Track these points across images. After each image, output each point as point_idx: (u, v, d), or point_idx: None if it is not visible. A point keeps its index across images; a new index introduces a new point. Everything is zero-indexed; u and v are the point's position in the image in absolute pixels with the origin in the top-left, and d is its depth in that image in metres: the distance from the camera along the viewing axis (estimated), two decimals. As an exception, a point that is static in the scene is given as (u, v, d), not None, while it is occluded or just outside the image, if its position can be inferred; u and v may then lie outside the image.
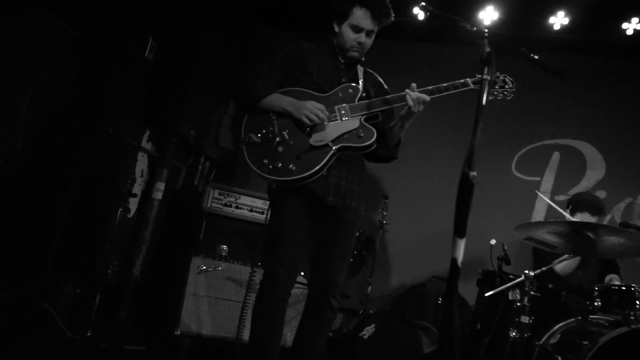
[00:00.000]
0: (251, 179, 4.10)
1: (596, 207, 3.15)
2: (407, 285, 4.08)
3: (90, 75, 2.78)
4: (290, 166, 2.05)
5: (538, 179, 4.18)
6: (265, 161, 2.07)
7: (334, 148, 2.08)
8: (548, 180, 4.16)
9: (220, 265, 3.02)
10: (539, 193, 3.97)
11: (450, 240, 1.10)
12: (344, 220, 2.21)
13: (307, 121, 2.10)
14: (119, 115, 3.10)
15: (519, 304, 2.51)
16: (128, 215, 3.32)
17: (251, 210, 3.63)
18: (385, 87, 2.41)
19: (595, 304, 2.55)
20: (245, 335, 2.37)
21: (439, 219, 3.97)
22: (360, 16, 2.18)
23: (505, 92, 2.18)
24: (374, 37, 2.28)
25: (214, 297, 2.93)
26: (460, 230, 1.18)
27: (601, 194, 4.06)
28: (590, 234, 2.49)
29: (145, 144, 3.44)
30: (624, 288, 2.48)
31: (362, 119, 2.14)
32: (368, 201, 4.20)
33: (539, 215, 4.11)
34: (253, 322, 2.16)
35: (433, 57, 4.40)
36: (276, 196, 2.21)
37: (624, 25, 3.88)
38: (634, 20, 3.84)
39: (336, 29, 2.29)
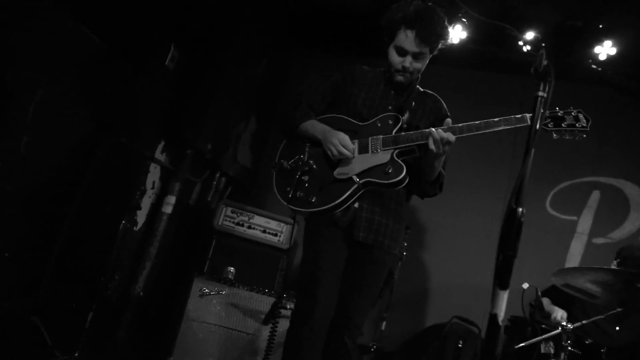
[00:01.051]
0: (269, 200, 3.93)
1: None
2: (426, 324, 3.80)
3: (106, 82, 2.67)
4: (311, 198, 2.00)
5: (575, 218, 3.86)
6: (288, 189, 2.05)
7: (358, 182, 1.95)
8: (586, 220, 3.84)
9: (224, 289, 2.81)
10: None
11: (474, 274, 0.90)
12: (373, 258, 2.08)
13: (331, 155, 2.03)
14: (133, 124, 2.98)
15: (553, 359, 2.21)
16: (135, 229, 3.16)
17: (264, 232, 3.45)
18: (446, 113, 2.16)
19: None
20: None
21: (464, 254, 3.72)
22: (405, 38, 2.02)
23: (576, 132, 1.80)
24: (426, 60, 2.11)
25: (215, 324, 2.71)
26: (503, 280, 0.96)
27: (645, 240, 3.73)
28: (641, 286, 2.20)
29: (159, 155, 3.30)
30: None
31: (395, 153, 1.96)
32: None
33: (573, 258, 3.78)
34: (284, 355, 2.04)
35: (472, 84, 4.20)
36: (311, 225, 2.13)
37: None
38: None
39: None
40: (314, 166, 2.06)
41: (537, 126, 1.04)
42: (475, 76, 4.23)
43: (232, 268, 3.09)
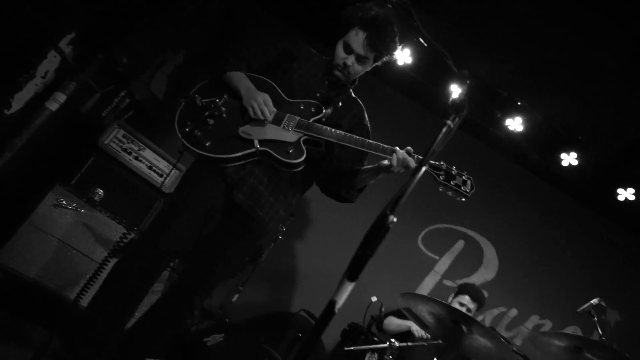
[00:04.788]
0: (168, 140, 3.72)
1: (478, 295, 3.27)
2: (276, 308, 3.88)
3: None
4: (207, 141, 1.94)
5: (437, 257, 4.24)
6: (189, 123, 1.96)
7: (256, 147, 1.93)
8: (444, 263, 4.24)
9: (84, 208, 2.59)
10: None
11: (335, 278, 0.94)
12: (246, 227, 2.02)
13: (251, 111, 1.97)
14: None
15: (373, 369, 2.40)
16: (6, 111, 2.78)
17: (150, 168, 3.26)
18: (367, 125, 2.21)
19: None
20: (84, 301, 2.04)
21: (336, 254, 3.85)
22: (355, 37, 2.03)
23: (459, 193, 1.94)
24: (368, 66, 2.12)
25: (60, 239, 2.48)
26: (353, 273, 1.00)
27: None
28: (465, 328, 2.47)
29: (65, 45, 2.94)
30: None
31: (302, 139, 1.97)
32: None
33: (424, 291, 4.15)
34: (104, 286, 1.92)
35: (400, 108, 4.38)
36: (196, 168, 2.05)
37: (563, 156, 4.13)
38: (572, 155, 4.10)
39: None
40: (224, 115, 1.99)
41: (437, 147, 1.10)
42: (404, 102, 4.43)
43: (101, 190, 2.87)
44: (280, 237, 3.62)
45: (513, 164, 4.47)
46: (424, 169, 1.10)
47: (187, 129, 1.94)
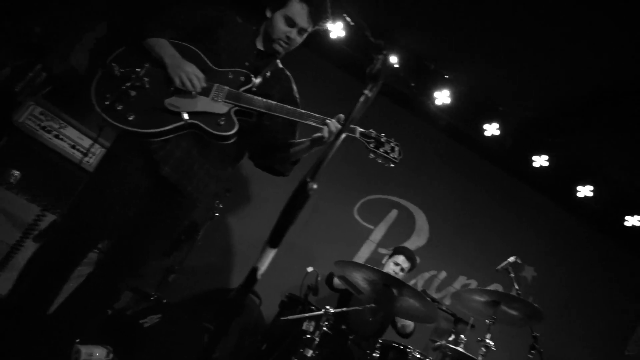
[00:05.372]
0: (94, 116, 3.52)
1: (411, 255, 3.57)
2: (214, 285, 3.87)
3: None
4: (130, 115, 1.82)
5: (372, 227, 4.41)
6: (108, 96, 1.83)
7: (185, 120, 1.85)
8: (380, 232, 4.42)
9: (-1, 190, 2.43)
10: None
11: (277, 253, 0.97)
12: (175, 204, 1.97)
13: (178, 82, 1.88)
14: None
15: (309, 335, 2.49)
16: None
17: (73, 147, 3.08)
18: (296, 95, 2.21)
19: (374, 355, 2.68)
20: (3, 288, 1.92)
21: (270, 228, 3.88)
22: (298, 10, 2.01)
23: (388, 160, 2.02)
24: (305, 37, 2.11)
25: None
26: (275, 239, 1.04)
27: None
28: (395, 291, 2.62)
29: (-35, 13, 2.69)
30: (401, 347, 2.63)
31: (233, 110, 1.92)
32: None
33: (360, 259, 4.32)
34: (26, 272, 1.83)
35: (328, 79, 4.40)
36: (117, 146, 1.93)
37: (486, 126, 4.39)
38: (494, 125, 4.37)
39: (268, 14, 2.09)
40: (147, 85, 1.87)
41: (357, 114, 1.15)
42: (333, 72, 4.44)
43: (17, 172, 2.69)
44: (216, 214, 3.58)
45: (441, 134, 4.68)
46: (343, 135, 1.13)
47: (106, 102, 1.81)
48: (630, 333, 4.66)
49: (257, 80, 2.01)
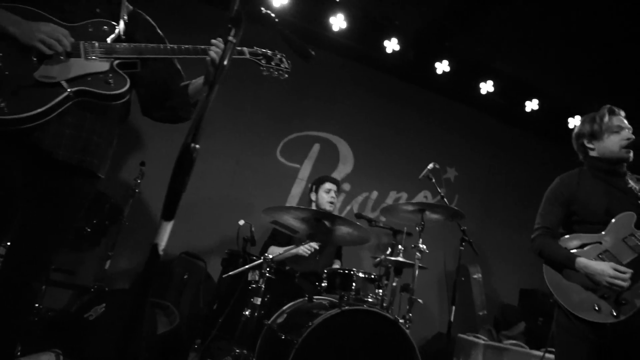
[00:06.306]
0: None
1: (332, 179, 3.81)
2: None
3: None
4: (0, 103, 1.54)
5: (298, 166, 4.45)
6: None
7: (69, 90, 1.63)
8: (306, 169, 4.47)
9: None
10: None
11: (207, 214, 0.94)
12: (74, 184, 1.76)
13: (44, 48, 1.62)
14: None
15: (254, 285, 2.54)
16: None
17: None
18: (160, 32, 2.03)
19: (323, 284, 2.81)
20: None
21: (198, 191, 3.82)
22: None
23: (280, 71, 2.03)
24: None
25: None
26: (169, 212, 1.01)
27: (346, 186, 4.61)
28: (327, 223, 2.71)
29: None
30: (346, 271, 2.77)
31: (115, 64, 1.74)
32: (120, 165, 3.81)
33: (293, 199, 4.39)
34: None
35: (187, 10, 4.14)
36: None
37: (386, 43, 4.43)
38: (394, 40, 4.42)
39: None
40: (1, 64, 1.59)
41: (225, 63, 1.10)
42: (190, 3, 4.18)
43: None
44: (137, 191, 3.45)
45: (346, 60, 4.68)
46: (217, 87, 1.09)
47: None
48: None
49: (121, 26, 1.83)
